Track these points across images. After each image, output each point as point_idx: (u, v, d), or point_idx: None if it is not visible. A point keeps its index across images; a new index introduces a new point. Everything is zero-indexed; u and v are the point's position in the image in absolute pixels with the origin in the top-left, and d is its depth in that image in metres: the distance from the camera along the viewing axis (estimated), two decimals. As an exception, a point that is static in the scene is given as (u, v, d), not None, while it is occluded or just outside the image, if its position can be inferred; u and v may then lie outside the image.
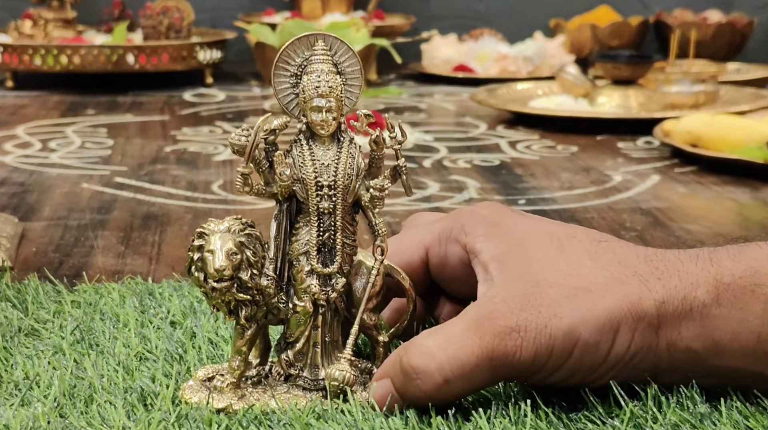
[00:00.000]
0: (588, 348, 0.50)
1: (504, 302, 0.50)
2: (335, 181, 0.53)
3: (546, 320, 0.49)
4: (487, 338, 0.49)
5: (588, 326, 0.50)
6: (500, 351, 0.49)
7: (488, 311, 0.50)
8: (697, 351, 0.51)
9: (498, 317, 0.50)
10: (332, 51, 0.54)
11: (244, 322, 0.54)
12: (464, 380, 0.49)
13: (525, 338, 0.49)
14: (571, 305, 0.50)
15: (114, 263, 0.80)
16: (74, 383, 0.55)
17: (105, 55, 1.69)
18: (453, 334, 0.50)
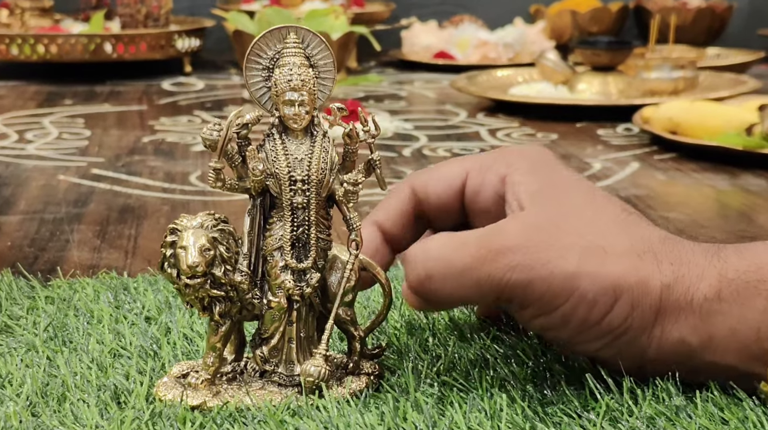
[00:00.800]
0: (584, 303, 0.49)
1: (517, 226, 0.50)
2: (309, 176, 0.52)
3: (552, 257, 0.49)
4: (483, 251, 0.49)
5: (591, 281, 0.49)
6: (491, 266, 0.49)
7: (499, 229, 0.50)
8: (690, 344, 0.50)
9: (504, 236, 0.49)
10: (304, 44, 0.53)
11: (218, 318, 0.53)
12: (448, 282, 0.49)
13: (523, 263, 0.48)
14: (584, 255, 0.49)
15: (89, 257, 0.80)
16: (47, 381, 0.54)
17: (82, 44, 1.68)
18: (456, 238, 0.50)
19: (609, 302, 0.49)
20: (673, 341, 0.50)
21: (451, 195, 0.57)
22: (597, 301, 0.49)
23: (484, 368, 0.55)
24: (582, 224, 0.51)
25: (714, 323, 0.50)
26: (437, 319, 0.63)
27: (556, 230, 0.50)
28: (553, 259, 0.49)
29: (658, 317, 0.50)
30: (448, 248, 0.50)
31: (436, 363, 0.56)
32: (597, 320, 0.49)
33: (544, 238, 0.49)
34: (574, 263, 0.49)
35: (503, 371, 0.55)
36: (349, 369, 0.55)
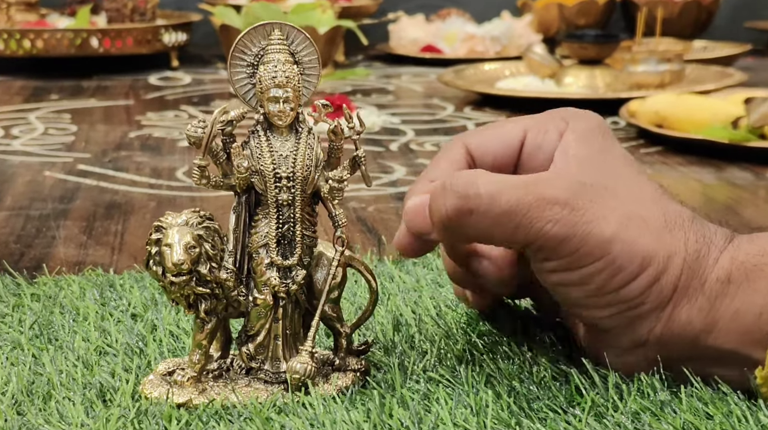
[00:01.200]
0: (610, 268, 0.49)
1: (567, 181, 0.50)
2: (294, 173, 0.52)
3: (594, 218, 0.49)
4: (530, 197, 0.49)
5: (624, 248, 0.49)
6: (535, 214, 0.48)
7: (548, 179, 0.50)
8: (695, 327, 0.50)
9: (553, 187, 0.49)
10: (289, 40, 0.53)
11: (204, 315, 0.53)
12: (486, 220, 0.49)
13: (566, 218, 0.48)
14: (623, 222, 0.49)
15: (76, 253, 0.80)
16: (33, 380, 0.54)
17: (68, 38, 1.67)
18: (504, 178, 0.50)
19: (634, 271, 0.49)
20: (680, 321, 0.50)
21: (508, 155, 0.56)
22: (623, 268, 0.49)
23: (470, 363, 0.55)
24: (625, 192, 0.51)
25: (720, 307, 0.50)
26: (423, 314, 0.63)
27: (601, 193, 0.50)
28: (595, 220, 0.49)
29: (673, 296, 0.50)
30: (494, 186, 0.49)
31: (423, 359, 0.56)
32: (616, 287, 0.50)
33: (590, 198, 0.49)
34: (613, 227, 0.49)
35: (489, 367, 0.55)
36: (336, 366, 0.55)
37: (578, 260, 0.49)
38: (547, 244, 0.49)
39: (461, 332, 0.60)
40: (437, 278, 0.70)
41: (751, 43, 1.96)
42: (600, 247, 0.49)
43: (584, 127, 0.54)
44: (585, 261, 0.49)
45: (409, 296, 0.66)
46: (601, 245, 0.49)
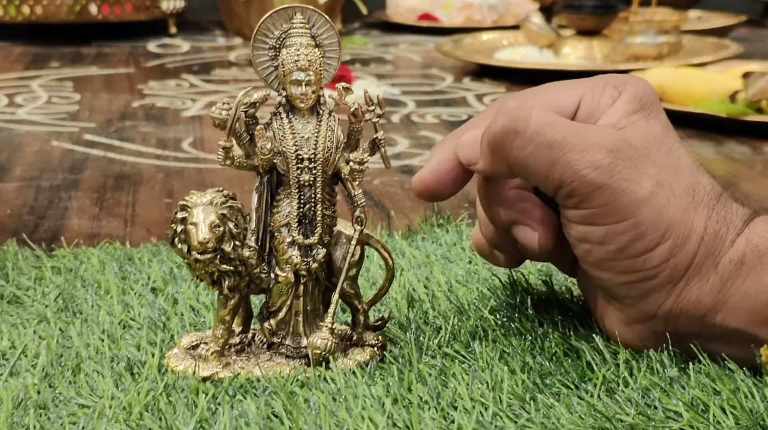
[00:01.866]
0: (633, 231, 0.51)
1: (614, 135, 0.51)
2: (315, 154, 0.54)
3: (631, 176, 0.50)
4: (577, 138, 0.50)
5: (652, 215, 0.50)
6: (577, 155, 0.50)
7: (598, 128, 0.52)
8: (704, 305, 0.52)
9: (600, 135, 0.51)
10: (310, 24, 0.55)
11: (227, 292, 0.55)
12: (530, 148, 0.51)
13: (606, 167, 0.50)
14: (657, 189, 0.51)
15: (89, 225, 0.81)
16: (61, 353, 0.56)
17: (68, 5, 1.68)
18: (558, 117, 0.52)
19: (655, 240, 0.51)
20: (690, 299, 0.52)
21: (565, 116, 0.56)
22: (646, 234, 0.51)
23: (483, 339, 0.57)
24: (663, 161, 0.52)
25: (731, 287, 0.52)
26: (436, 290, 0.64)
27: (642, 156, 0.51)
28: (631, 179, 0.50)
29: (686, 273, 0.52)
30: (546, 118, 0.51)
31: (437, 335, 0.58)
32: (636, 253, 0.51)
33: (632, 157, 0.51)
34: (646, 191, 0.50)
35: (502, 343, 0.57)
36: (354, 341, 0.57)
37: (606, 214, 0.51)
38: (581, 188, 0.50)
39: (473, 308, 0.62)
40: (447, 253, 0.72)
41: (745, 13, 1.97)
42: (629, 207, 0.50)
43: (635, 96, 0.55)
44: (612, 218, 0.51)
45: (421, 271, 0.68)
46: (631, 205, 0.50)
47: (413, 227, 0.78)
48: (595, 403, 0.50)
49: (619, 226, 0.51)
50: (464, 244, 0.73)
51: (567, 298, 0.63)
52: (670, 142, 0.54)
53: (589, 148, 0.50)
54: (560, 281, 0.66)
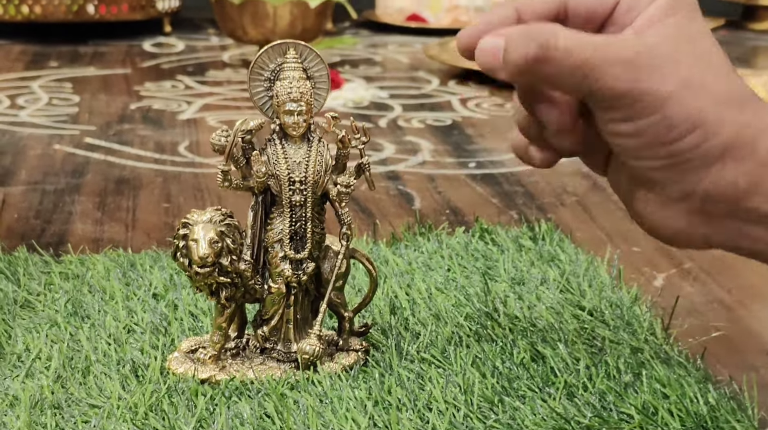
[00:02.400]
0: (662, 124, 0.54)
1: (636, 43, 0.53)
2: (306, 177, 0.59)
3: (654, 78, 0.53)
4: (598, 56, 0.52)
5: (678, 108, 0.53)
6: (601, 72, 0.52)
7: (619, 40, 0.54)
8: (740, 187, 0.55)
9: (621, 48, 0.53)
10: (302, 58, 0.60)
11: (224, 301, 0.60)
12: (558, 68, 0.53)
13: (626, 76, 0.53)
14: (681, 85, 0.53)
15: (92, 230, 0.86)
16: (71, 356, 0.61)
17: (66, 4, 1.72)
18: (583, 36, 0.53)
19: (685, 130, 0.54)
20: (727, 180, 0.55)
21: (603, 10, 0.58)
22: (675, 126, 0.54)
23: (458, 345, 0.63)
24: (692, 60, 0.54)
25: (764, 173, 0.55)
26: (416, 297, 0.70)
27: (669, 56, 0.54)
28: (654, 80, 0.53)
29: (722, 157, 0.55)
30: (571, 41, 0.53)
31: (416, 341, 0.63)
32: (668, 141, 0.54)
33: (654, 61, 0.54)
34: (670, 89, 0.53)
35: (475, 349, 0.62)
36: (340, 346, 0.63)
37: (635, 113, 0.54)
38: (608, 96, 0.54)
39: (450, 316, 0.67)
40: (428, 260, 0.77)
41: (724, 15, 2.02)
42: (655, 104, 0.53)
43: (672, 1, 0.56)
44: (641, 115, 0.54)
45: (403, 279, 0.74)
46: (656, 102, 0.53)
47: (397, 235, 0.83)
48: (556, 406, 0.56)
49: (648, 120, 0.54)
50: (443, 252, 0.79)
51: (536, 307, 0.69)
52: (703, 43, 0.55)
53: (612, 62, 0.53)
54: (531, 289, 0.72)
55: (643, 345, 0.63)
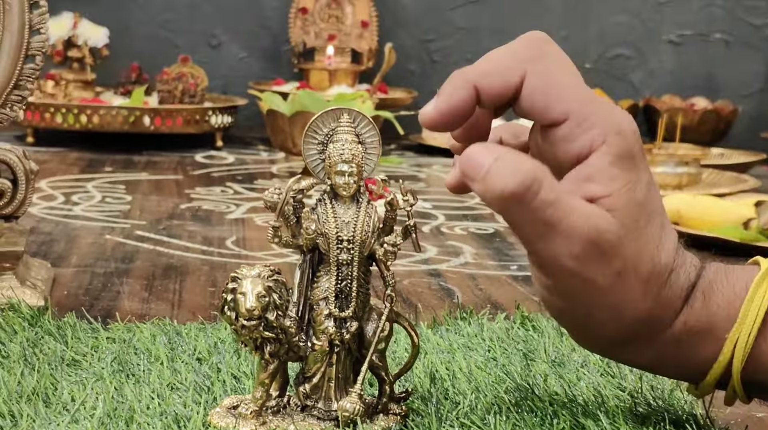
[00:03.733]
0: (585, 314, 0.57)
1: (597, 221, 0.54)
2: (354, 237, 0.61)
3: (597, 269, 0.55)
4: (566, 224, 0.54)
5: (606, 301, 0.56)
6: (562, 244, 0.54)
7: (586, 213, 0.54)
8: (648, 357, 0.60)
9: (586, 226, 0.54)
10: (355, 123, 0.62)
11: (268, 357, 0.61)
12: (530, 217, 0.53)
13: (579, 262, 0.54)
14: (615, 280, 0.55)
15: (139, 307, 0.88)
16: (115, 406, 0.62)
17: (123, 116, 1.78)
18: (562, 199, 0.54)
19: (608, 323, 0.58)
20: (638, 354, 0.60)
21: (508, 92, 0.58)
22: (595, 316, 0.57)
23: (498, 414, 0.63)
24: (634, 247, 0.55)
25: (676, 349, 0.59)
26: (456, 371, 0.70)
27: (615, 244, 0.55)
28: (599, 271, 0.55)
29: (636, 336, 0.58)
30: (553, 195, 0.53)
31: (456, 408, 0.64)
32: (587, 329, 0.59)
33: (605, 248, 0.54)
34: (609, 281, 0.56)
35: (515, 417, 0.62)
36: (379, 409, 0.63)
37: (567, 294, 0.57)
38: (552, 264, 0.55)
39: (490, 388, 0.67)
40: (468, 342, 0.78)
41: (765, 152, 2.05)
42: (589, 290, 0.56)
43: (622, 153, 0.55)
44: (569, 300, 0.57)
45: (444, 356, 0.74)
46: (591, 289, 0.56)
47: (438, 319, 0.84)
48: (595, 470, 0.56)
49: (573, 309, 0.57)
50: (484, 335, 0.79)
51: (576, 386, 0.69)
52: (646, 212, 0.56)
53: (575, 239, 0.54)
54: (571, 370, 0.72)
55: (686, 424, 0.63)
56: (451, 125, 0.58)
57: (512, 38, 0.57)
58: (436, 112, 0.57)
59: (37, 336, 0.74)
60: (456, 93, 0.57)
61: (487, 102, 0.57)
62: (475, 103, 0.57)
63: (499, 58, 0.57)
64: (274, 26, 2.26)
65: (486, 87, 0.56)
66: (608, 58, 2.35)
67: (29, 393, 0.63)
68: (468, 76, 0.57)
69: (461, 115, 0.57)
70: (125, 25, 2.20)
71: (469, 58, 2.28)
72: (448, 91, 0.57)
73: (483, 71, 0.57)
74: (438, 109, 0.57)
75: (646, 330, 0.58)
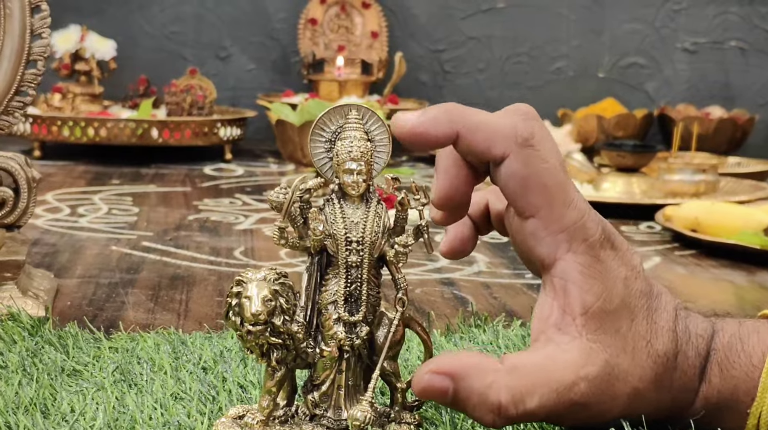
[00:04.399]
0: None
1: (580, 366, 0.55)
2: (363, 238, 0.58)
3: (599, 409, 0.56)
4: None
5: (627, 418, 0.57)
6: (559, 405, 0.55)
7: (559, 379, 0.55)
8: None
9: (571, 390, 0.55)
10: (364, 120, 0.60)
11: (275, 364, 0.59)
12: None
13: (578, 403, 0.55)
14: (627, 403, 0.56)
15: (144, 317, 0.86)
16: (116, 417, 0.60)
17: (131, 128, 1.76)
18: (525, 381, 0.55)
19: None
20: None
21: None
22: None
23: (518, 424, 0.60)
24: (630, 364, 0.56)
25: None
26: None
27: (609, 379, 0.55)
28: (603, 413, 0.56)
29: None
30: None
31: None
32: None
33: (604, 389, 0.55)
34: (617, 413, 0.56)
35: (532, 426, 0.59)
36: (392, 418, 0.60)
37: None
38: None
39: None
40: (483, 349, 0.75)
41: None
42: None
43: (588, 260, 0.55)
44: None
45: (458, 364, 0.71)
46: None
47: (452, 327, 0.81)
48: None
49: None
50: (500, 342, 0.76)
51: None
52: (628, 312, 0.56)
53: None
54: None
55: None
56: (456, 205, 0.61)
57: (523, 48, 0.58)
58: (438, 200, 0.61)
59: (37, 346, 0.72)
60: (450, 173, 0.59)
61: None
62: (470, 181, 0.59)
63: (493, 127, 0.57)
64: (283, 38, 2.24)
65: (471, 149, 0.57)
66: (622, 67, 2.32)
67: (27, 404, 0.61)
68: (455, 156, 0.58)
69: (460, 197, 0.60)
70: (133, 38, 2.19)
71: (481, 68, 2.26)
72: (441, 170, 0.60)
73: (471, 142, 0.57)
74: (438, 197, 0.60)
75: (669, 415, 0.58)
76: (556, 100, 2.27)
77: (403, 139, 0.57)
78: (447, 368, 0.54)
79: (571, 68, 2.32)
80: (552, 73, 2.31)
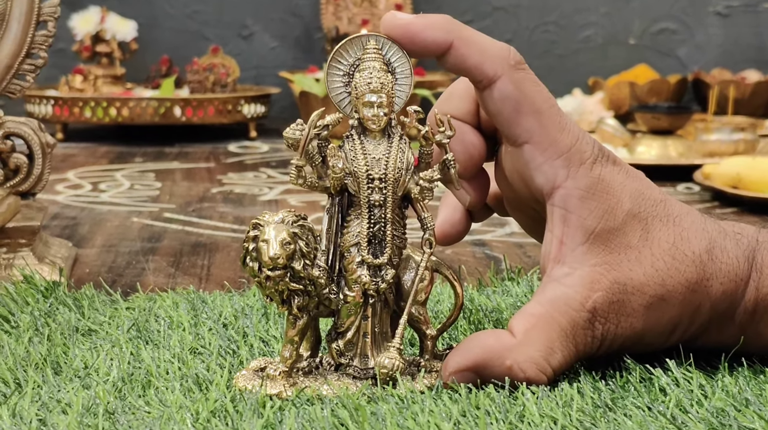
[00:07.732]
0: (647, 346, 0.56)
1: (584, 298, 0.54)
2: (386, 175, 0.55)
3: (623, 329, 0.54)
4: (568, 343, 0.54)
5: (653, 332, 0.55)
6: (579, 344, 0.54)
7: (570, 308, 0.54)
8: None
9: (577, 317, 0.54)
10: (384, 50, 0.56)
11: (296, 311, 0.55)
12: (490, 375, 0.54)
13: (600, 335, 0.54)
14: (647, 314, 0.54)
15: (165, 281, 0.83)
16: (132, 371, 0.56)
17: (153, 107, 1.74)
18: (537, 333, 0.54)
19: (665, 335, 0.57)
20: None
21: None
22: (656, 341, 0.57)
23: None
24: (644, 276, 0.54)
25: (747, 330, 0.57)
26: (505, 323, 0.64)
27: (621, 296, 0.54)
28: (624, 330, 0.55)
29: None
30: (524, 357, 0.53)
31: (506, 363, 0.57)
32: (658, 346, 0.57)
33: (615, 308, 0.54)
34: (640, 324, 0.55)
35: (572, 370, 0.56)
36: (421, 366, 0.57)
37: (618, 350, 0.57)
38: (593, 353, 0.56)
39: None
40: (517, 302, 0.71)
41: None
42: (633, 340, 0.55)
43: (589, 184, 0.54)
44: (624, 350, 0.56)
45: (491, 315, 0.68)
46: (633, 338, 0.55)
47: (484, 281, 0.78)
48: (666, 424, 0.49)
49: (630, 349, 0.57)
50: (535, 293, 0.73)
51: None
52: (640, 233, 0.54)
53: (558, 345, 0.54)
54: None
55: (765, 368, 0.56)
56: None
57: (551, 17, 0.57)
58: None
59: (51, 307, 0.69)
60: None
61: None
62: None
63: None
64: (306, 14, 2.21)
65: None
66: (653, 33, 2.27)
67: (38, 361, 0.58)
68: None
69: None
70: (154, 18, 2.16)
71: (508, 38, 2.22)
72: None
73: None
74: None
75: (719, 312, 0.56)
76: (586, 69, 2.22)
77: (395, 37, 0.55)
78: (465, 365, 0.53)
79: (600, 36, 2.27)
80: (581, 42, 2.26)
